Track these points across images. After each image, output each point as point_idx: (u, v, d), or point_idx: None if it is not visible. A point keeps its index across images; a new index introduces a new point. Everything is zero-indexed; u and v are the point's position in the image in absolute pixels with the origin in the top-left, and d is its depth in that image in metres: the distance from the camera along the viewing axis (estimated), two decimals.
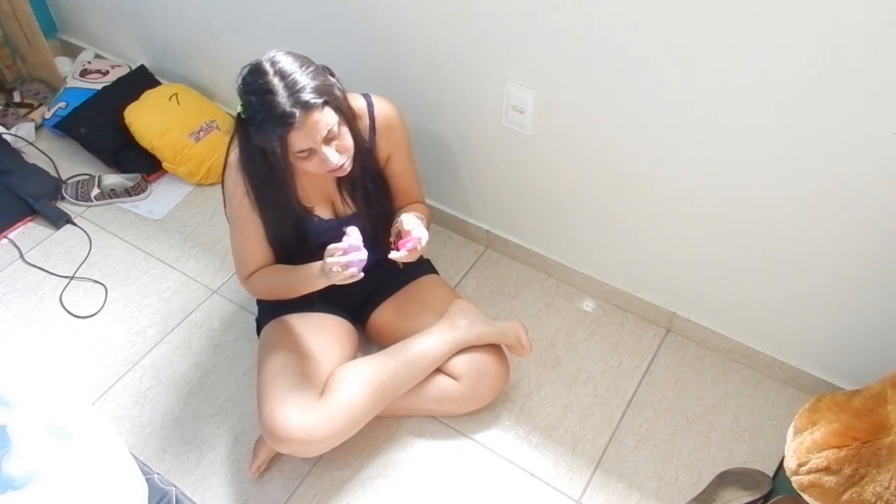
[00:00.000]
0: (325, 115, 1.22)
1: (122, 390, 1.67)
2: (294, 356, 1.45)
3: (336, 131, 1.25)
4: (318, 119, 1.21)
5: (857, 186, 1.27)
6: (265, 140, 1.23)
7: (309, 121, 1.20)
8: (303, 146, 1.22)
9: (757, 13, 1.15)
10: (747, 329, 1.67)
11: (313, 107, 1.19)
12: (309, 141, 1.22)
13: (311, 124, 1.21)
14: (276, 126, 1.19)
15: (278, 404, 1.36)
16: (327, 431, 1.36)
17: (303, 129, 1.20)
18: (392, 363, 1.47)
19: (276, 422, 1.35)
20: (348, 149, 1.30)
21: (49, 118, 2.28)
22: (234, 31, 1.98)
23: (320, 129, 1.22)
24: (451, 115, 1.71)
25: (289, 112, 1.18)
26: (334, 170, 1.29)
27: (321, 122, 1.22)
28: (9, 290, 1.88)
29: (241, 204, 1.39)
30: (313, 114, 1.20)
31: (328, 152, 1.25)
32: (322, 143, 1.24)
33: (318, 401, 1.39)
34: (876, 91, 1.14)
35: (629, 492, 1.51)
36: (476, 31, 1.49)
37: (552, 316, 1.83)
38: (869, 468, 1.11)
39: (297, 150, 1.23)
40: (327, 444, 1.39)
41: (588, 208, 1.69)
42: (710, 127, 1.35)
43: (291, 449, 1.37)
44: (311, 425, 1.35)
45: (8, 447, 1.00)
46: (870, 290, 1.41)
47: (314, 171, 1.30)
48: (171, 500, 1.23)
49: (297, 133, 1.20)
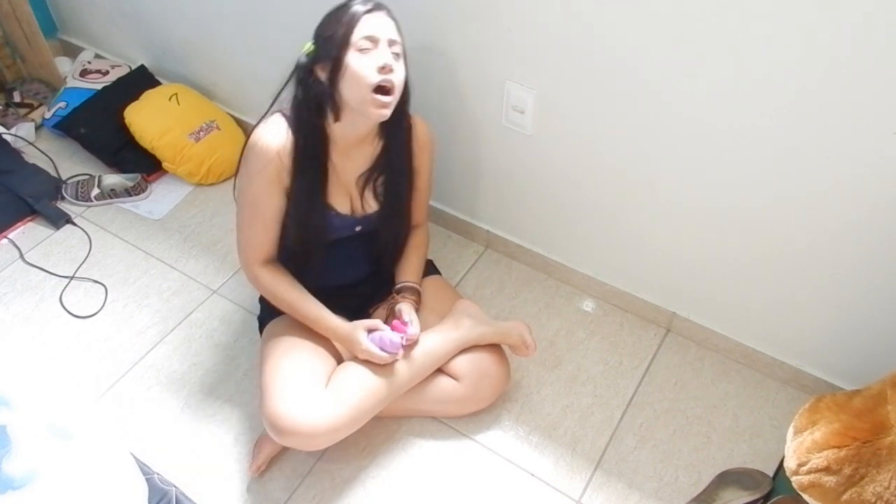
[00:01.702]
0: (398, 36, 1.30)
1: (122, 390, 1.67)
2: (299, 351, 1.45)
3: (400, 52, 1.30)
4: (391, 22, 1.30)
5: (857, 187, 1.27)
6: (334, 31, 1.26)
7: (383, 15, 1.29)
8: (370, 31, 1.26)
9: (757, 14, 1.15)
10: (747, 329, 1.67)
11: (389, 14, 1.30)
12: (379, 27, 1.26)
13: (387, 22, 1.29)
14: (355, 12, 1.26)
15: (282, 397, 1.36)
16: (331, 425, 1.36)
17: (377, 16, 1.28)
18: (398, 363, 1.46)
19: (280, 414, 1.34)
20: (400, 81, 1.31)
21: (49, 118, 2.28)
22: (234, 31, 1.98)
23: (391, 31, 1.29)
24: (451, 114, 1.71)
25: (369, 6, 1.27)
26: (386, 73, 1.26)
27: (394, 30, 1.30)
28: (9, 290, 1.88)
29: (261, 186, 1.36)
30: (388, 15, 1.30)
31: (387, 52, 1.27)
32: (388, 44, 1.27)
33: (322, 394, 1.39)
34: (876, 91, 1.14)
35: (629, 492, 1.51)
36: (476, 31, 1.49)
37: (552, 316, 1.83)
38: (869, 468, 1.11)
39: (366, 33, 1.25)
40: (330, 438, 1.38)
41: (588, 208, 1.69)
42: (710, 127, 1.35)
43: (294, 442, 1.36)
44: (314, 418, 1.35)
45: (8, 447, 1.00)
46: (870, 290, 1.41)
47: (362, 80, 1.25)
48: (171, 500, 1.23)
49: (370, 16, 1.26)
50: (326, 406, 1.36)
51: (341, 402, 1.38)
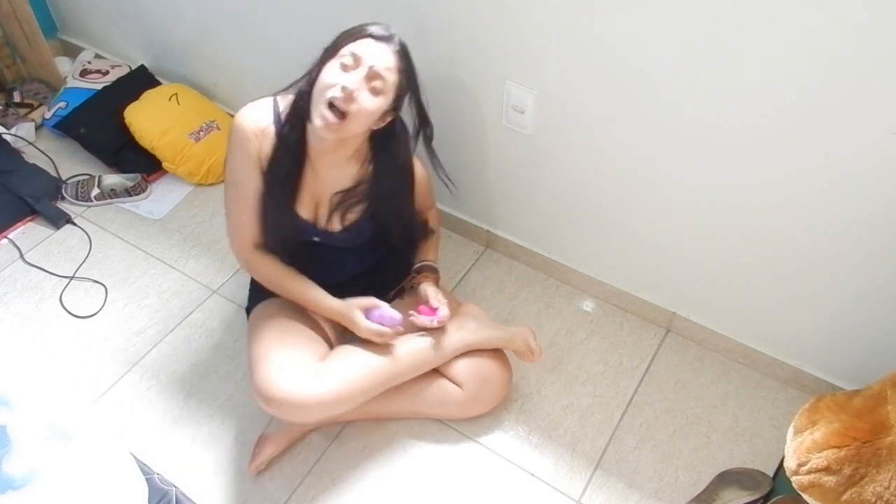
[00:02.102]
0: (392, 67, 1.26)
1: (122, 390, 1.67)
2: (290, 329, 1.43)
3: (379, 90, 1.25)
4: (391, 60, 1.25)
5: (857, 186, 1.27)
6: (342, 36, 1.26)
7: (385, 47, 1.25)
8: (361, 52, 1.23)
9: (757, 14, 1.15)
10: (747, 329, 1.67)
11: (397, 53, 1.26)
12: (370, 54, 1.23)
13: (384, 49, 1.25)
14: (364, 29, 1.26)
15: (274, 367, 1.35)
16: (321, 396, 1.33)
17: (376, 44, 1.25)
18: (397, 350, 1.45)
19: (270, 382, 1.32)
20: (365, 111, 1.25)
21: (49, 118, 2.28)
22: (234, 32, 1.98)
23: (385, 61, 1.25)
24: (451, 114, 1.71)
25: (382, 32, 1.26)
26: (343, 102, 1.22)
27: (390, 65, 1.25)
28: (9, 290, 1.88)
29: (242, 163, 1.36)
30: (391, 50, 1.26)
31: (357, 78, 1.23)
32: (369, 73, 1.23)
33: (314, 365, 1.38)
34: (876, 91, 1.14)
35: (629, 492, 1.51)
36: (476, 31, 1.49)
37: (552, 316, 1.83)
38: (869, 468, 1.11)
39: (357, 52, 1.23)
40: (318, 411, 1.35)
41: (588, 208, 1.69)
42: (710, 127, 1.35)
43: (282, 411, 1.34)
44: (305, 387, 1.33)
45: (8, 447, 1.00)
46: (870, 290, 1.41)
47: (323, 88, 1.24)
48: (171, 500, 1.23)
49: (369, 42, 1.24)
50: (318, 377, 1.35)
51: (334, 376, 1.37)
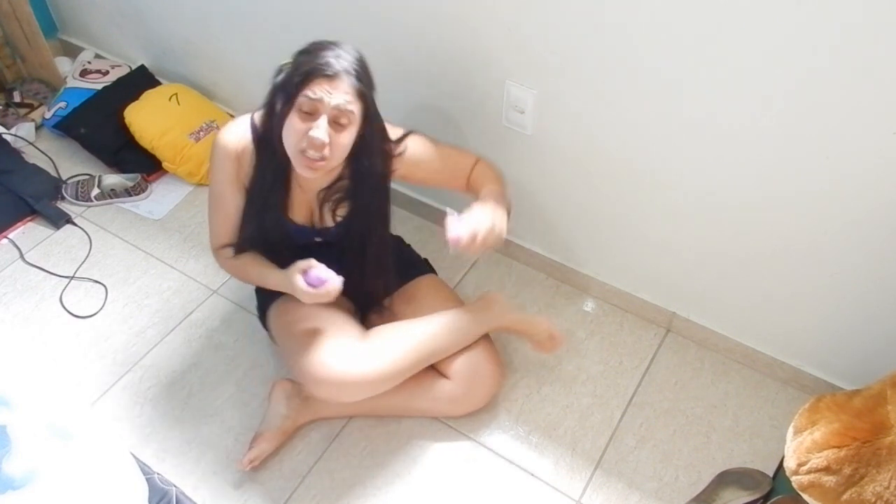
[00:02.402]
0: (354, 101, 1.24)
1: (122, 390, 1.67)
2: (323, 315, 1.46)
3: (346, 125, 1.25)
4: (347, 90, 1.23)
5: (857, 186, 1.27)
6: (293, 74, 1.24)
7: (339, 83, 1.22)
8: (316, 94, 1.21)
9: (757, 13, 1.15)
10: (747, 329, 1.67)
11: (352, 82, 1.23)
12: (328, 96, 1.21)
13: (338, 85, 1.22)
14: (315, 65, 1.22)
15: (323, 350, 1.39)
16: (372, 374, 1.39)
17: (329, 84, 1.22)
18: (431, 327, 1.48)
19: (322, 365, 1.37)
20: (339, 149, 1.28)
21: (49, 118, 2.28)
22: (234, 32, 1.98)
23: (343, 98, 1.23)
24: (451, 114, 1.71)
25: (332, 64, 1.22)
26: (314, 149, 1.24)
27: (349, 96, 1.23)
28: (9, 290, 1.88)
29: (223, 183, 1.40)
30: (346, 82, 1.23)
31: (322, 126, 1.23)
32: (330, 114, 1.23)
33: (361, 344, 1.43)
34: (876, 91, 1.14)
35: (629, 492, 1.51)
36: (476, 31, 1.49)
37: (552, 316, 1.83)
38: (869, 468, 1.11)
39: (310, 94, 1.21)
40: (370, 388, 1.41)
41: (588, 208, 1.69)
42: (710, 127, 1.35)
43: (334, 391, 1.39)
44: (356, 366, 1.38)
45: (8, 447, 1.00)
46: (870, 290, 1.41)
47: (294, 140, 1.25)
48: (171, 500, 1.23)
49: (324, 82, 1.21)
50: (367, 356, 1.40)
51: (381, 354, 1.41)
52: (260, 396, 1.65)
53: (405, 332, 1.48)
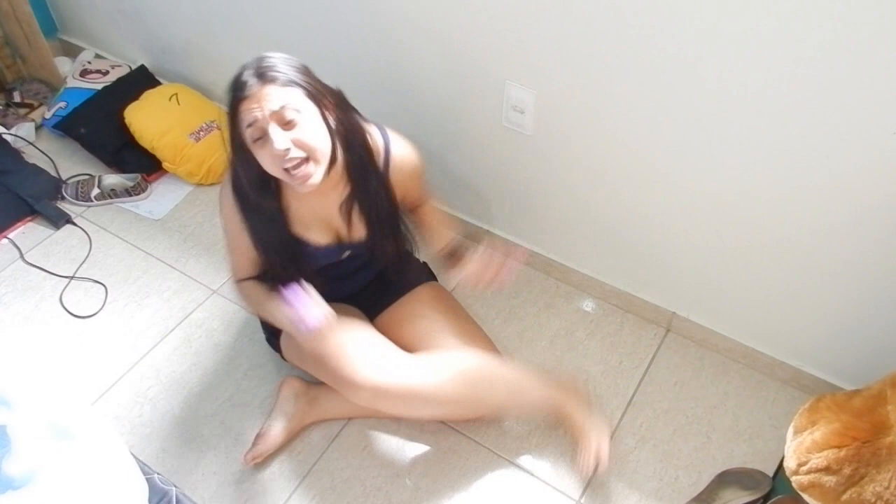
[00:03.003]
0: (285, 92, 1.15)
1: (122, 390, 1.67)
2: (352, 323, 1.45)
3: (295, 118, 1.16)
4: (270, 91, 1.14)
5: (857, 187, 1.27)
6: (231, 123, 1.18)
7: (261, 92, 1.14)
8: (250, 118, 1.14)
9: (757, 13, 1.15)
10: (747, 329, 1.67)
11: (270, 80, 1.14)
12: (256, 111, 1.13)
13: (263, 95, 1.14)
14: (233, 95, 1.16)
15: (370, 356, 1.38)
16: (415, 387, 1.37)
17: (253, 99, 1.14)
18: (495, 368, 1.45)
19: (371, 371, 1.36)
20: (308, 143, 1.18)
21: (49, 118, 2.28)
22: (234, 32, 1.98)
23: (272, 101, 1.14)
24: (450, 114, 1.71)
25: (243, 80, 1.14)
26: (286, 162, 1.17)
27: (277, 94, 1.15)
28: (9, 290, 1.88)
29: (231, 221, 1.38)
30: (269, 86, 1.14)
31: (275, 133, 1.14)
32: (274, 121, 1.15)
33: (408, 356, 1.42)
34: (876, 91, 1.14)
35: (629, 492, 1.51)
36: (476, 31, 1.49)
37: (552, 316, 1.83)
38: (869, 468, 1.11)
39: (247, 122, 1.14)
40: (409, 402, 1.39)
41: (588, 208, 1.69)
42: (710, 127, 1.35)
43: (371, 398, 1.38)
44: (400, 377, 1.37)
45: (8, 447, 1.00)
46: (870, 289, 1.41)
47: (271, 167, 1.20)
48: (171, 500, 1.23)
49: (247, 103, 1.14)
50: (416, 368, 1.39)
51: (430, 370, 1.40)
52: (260, 396, 1.65)
53: (464, 358, 1.45)
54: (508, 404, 1.47)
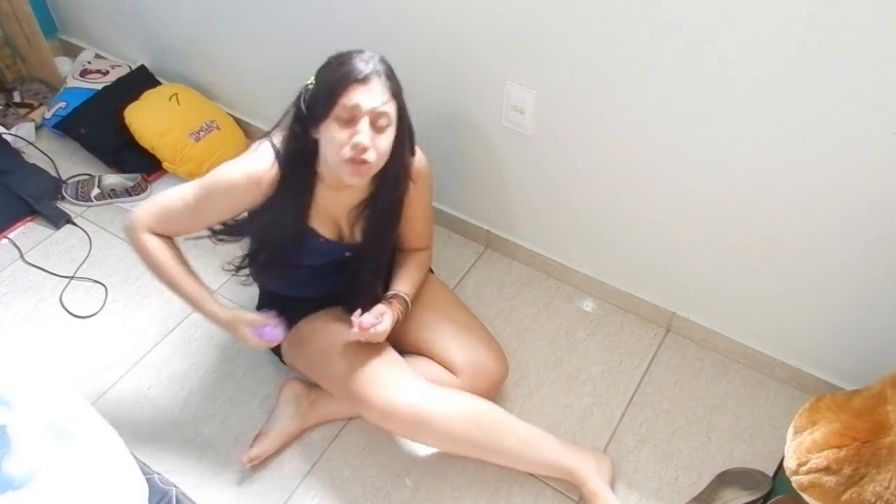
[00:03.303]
0: (388, 98, 1.24)
1: (122, 390, 1.67)
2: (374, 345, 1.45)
3: (385, 127, 1.25)
4: (382, 91, 1.23)
5: (857, 187, 1.27)
6: (324, 88, 1.22)
7: (375, 85, 1.22)
8: (353, 102, 1.20)
9: (757, 13, 1.15)
10: (747, 329, 1.67)
11: (385, 84, 1.24)
12: (364, 100, 1.20)
13: (375, 88, 1.22)
14: (347, 72, 1.21)
15: (375, 376, 1.38)
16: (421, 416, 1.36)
17: (365, 87, 1.21)
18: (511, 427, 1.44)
19: (386, 394, 1.36)
20: (382, 152, 1.26)
21: (49, 118, 2.28)
22: (234, 32, 1.98)
23: (379, 98, 1.22)
24: (451, 114, 1.71)
25: (363, 69, 1.21)
26: (358, 153, 1.22)
27: (385, 97, 1.23)
28: (9, 290, 1.88)
29: (223, 197, 1.34)
30: (379, 83, 1.23)
31: (364, 130, 1.22)
32: (370, 118, 1.22)
33: (425, 384, 1.41)
34: (876, 91, 1.14)
35: (629, 492, 1.51)
36: (476, 31, 1.49)
37: (552, 316, 1.83)
38: (869, 468, 1.11)
39: (348, 102, 1.20)
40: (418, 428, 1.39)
41: (588, 208, 1.69)
42: (711, 128, 1.35)
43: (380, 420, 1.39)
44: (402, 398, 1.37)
45: (8, 447, 1.00)
46: (870, 290, 1.41)
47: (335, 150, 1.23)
48: (171, 500, 1.23)
49: (358, 87, 1.20)
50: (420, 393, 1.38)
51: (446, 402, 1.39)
52: (260, 396, 1.65)
53: (482, 402, 1.44)
54: (519, 458, 1.45)
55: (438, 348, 1.53)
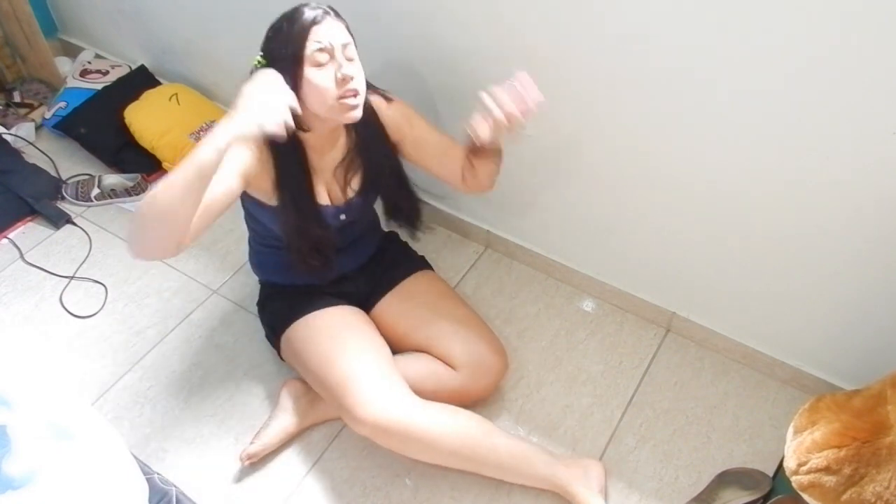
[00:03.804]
0: (348, 33, 1.27)
1: (122, 390, 1.67)
2: (358, 343, 1.45)
3: (353, 54, 1.27)
4: (342, 27, 1.27)
5: (856, 187, 1.27)
6: (284, 45, 1.23)
7: (335, 23, 1.26)
8: (323, 40, 1.22)
9: (758, 13, 1.15)
10: (747, 329, 1.67)
11: (340, 18, 1.27)
12: (331, 35, 1.23)
13: (337, 26, 1.25)
14: (303, 22, 1.23)
15: (365, 390, 1.36)
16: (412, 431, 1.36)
17: (327, 26, 1.24)
18: (503, 442, 1.44)
19: (376, 409, 1.35)
20: (362, 80, 1.29)
21: (49, 118, 2.28)
22: (234, 31, 1.98)
23: (342, 34, 1.25)
24: (451, 115, 1.71)
25: (316, 13, 1.24)
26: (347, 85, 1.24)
27: (344, 31, 1.27)
28: (9, 290, 1.88)
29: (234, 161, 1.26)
30: (339, 21, 1.27)
31: (343, 60, 1.25)
32: (342, 52, 1.25)
33: (415, 399, 1.39)
34: (876, 91, 1.14)
35: (629, 492, 1.51)
36: (475, 31, 1.49)
37: (552, 316, 1.83)
38: (869, 468, 1.11)
39: (318, 41, 1.22)
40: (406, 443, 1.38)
41: (588, 208, 1.69)
42: (710, 128, 1.35)
43: (370, 435, 1.37)
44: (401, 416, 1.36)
45: (8, 447, 1.00)
46: (870, 290, 1.41)
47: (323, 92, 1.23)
48: (171, 500, 1.23)
49: (321, 28, 1.23)
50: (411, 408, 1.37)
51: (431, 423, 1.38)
52: (260, 396, 1.65)
53: (472, 417, 1.44)
54: (510, 471, 1.45)
55: (438, 343, 1.53)
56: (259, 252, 1.59)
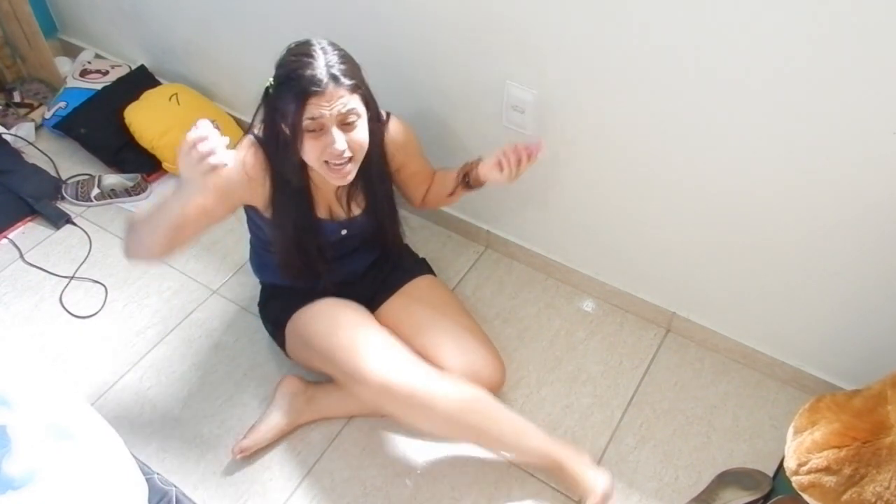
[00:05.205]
0: (351, 98, 1.25)
1: (122, 390, 1.67)
2: (363, 318, 1.48)
3: (355, 122, 1.27)
4: (343, 94, 1.24)
5: (857, 187, 1.27)
6: (285, 100, 1.24)
7: (334, 93, 1.23)
8: (316, 114, 1.22)
9: (758, 13, 1.15)
10: (747, 329, 1.67)
11: (342, 84, 1.23)
12: (325, 109, 1.22)
13: (335, 96, 1.23)
14: (303, 87, 1.21)
15: (373, 352, 1.39)
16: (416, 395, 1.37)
17: (324, 97, 1.21)
18: (505, 414, 1.44)
19: (383, 370, 1.37)
20: (359, 145, 1.29)
21: (49, 118, 2.28)
22: (234, 31, 1.98)
23: (341, 103, 1.23)
24: (450, 114, 1.71)
25: (318, 77, 1.21)
26: (337, 159, 1.26)
27: (345, 98, 1.24)
28: (9, 290, 1.88)
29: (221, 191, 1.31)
30: (340, 89, 1.23)
31: (338, 135, 1.25)
32: (336, 122, 1.24)
33: (422, 363, 1.43)
34: (876, 91, 1.14)
35: (629, 492, 1.51)
36: (476, 31, 1.49)
37: (552, 316, 1.83)
38: (869, 468, 1.11)
39: (311, 116, 1.22)
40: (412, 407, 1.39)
41: (588, 208, 1.69)
42: (710, 127, 1.35)
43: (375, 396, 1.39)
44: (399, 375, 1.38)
45: (8, 447, 1.00)
46: (870, 289, 1.41)
47: (314, 157, 1.27)
48: (171, 500, 1.23)
49: (317, 99, 1.21)
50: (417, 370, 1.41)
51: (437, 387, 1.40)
52: (260, 396, 1.65)
53: (476, 387, 1.44)
54: (510, 443, 1.46)
55: (435, 351, 1.52)
56: (261, 255, 1.59)
